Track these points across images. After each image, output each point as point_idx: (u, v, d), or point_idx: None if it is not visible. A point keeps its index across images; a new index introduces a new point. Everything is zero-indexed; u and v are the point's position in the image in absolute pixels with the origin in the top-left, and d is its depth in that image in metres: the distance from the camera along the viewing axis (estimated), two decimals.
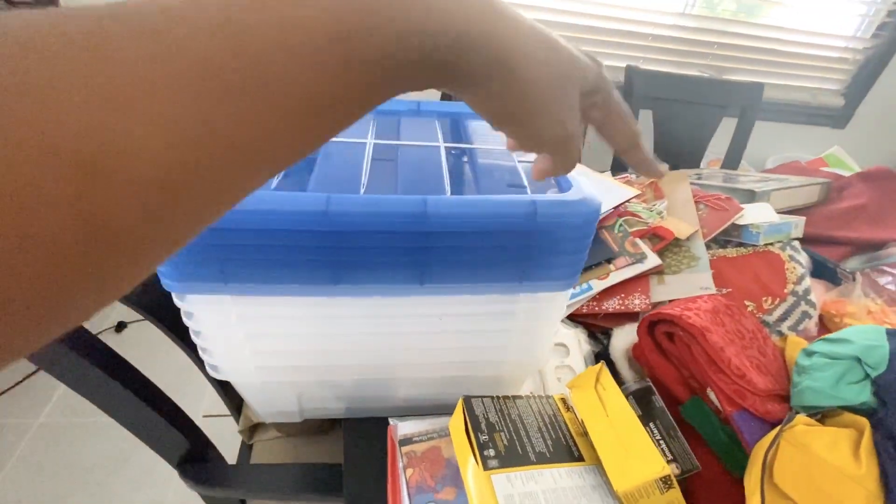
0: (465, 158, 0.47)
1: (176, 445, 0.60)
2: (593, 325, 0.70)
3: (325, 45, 0.14)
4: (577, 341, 0.66)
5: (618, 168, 1.22)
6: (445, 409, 0.54)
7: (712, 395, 0.51)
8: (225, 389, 0.78)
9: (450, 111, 0.56)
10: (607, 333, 0.68)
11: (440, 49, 0.17)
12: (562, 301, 0.47)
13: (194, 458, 0.62)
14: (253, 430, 0.86)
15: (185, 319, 0.42)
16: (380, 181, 0.40)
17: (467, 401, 0.47)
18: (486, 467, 0.41)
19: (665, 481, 0.40)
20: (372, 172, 0.41)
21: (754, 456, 0.43)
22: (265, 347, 0.44)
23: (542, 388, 0.61)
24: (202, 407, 1.27)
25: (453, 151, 0.48)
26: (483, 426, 0.45)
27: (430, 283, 0.39)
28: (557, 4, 1.54)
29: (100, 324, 1.52)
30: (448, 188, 0.40)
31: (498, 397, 0.49)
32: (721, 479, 0.49)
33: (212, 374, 0.46)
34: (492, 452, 0.42)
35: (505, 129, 0.24)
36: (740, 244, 0.76)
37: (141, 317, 0.58)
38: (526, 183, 0.43)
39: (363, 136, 0.48)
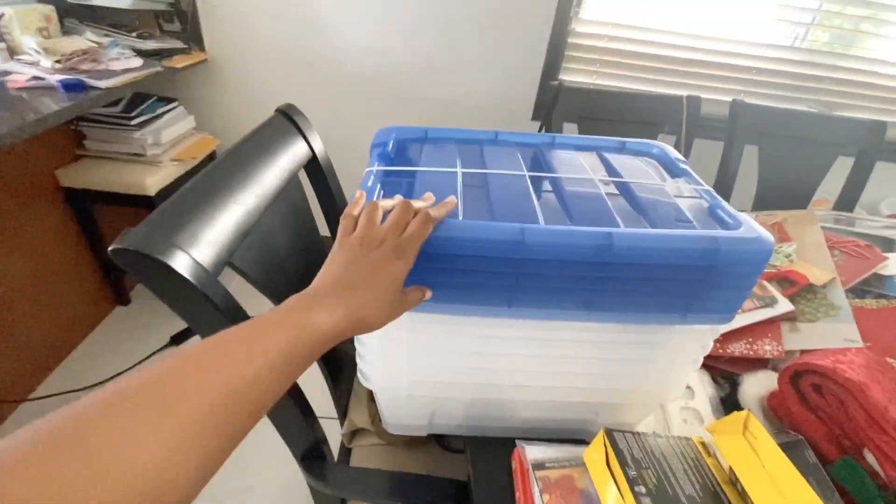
0: (621, 191, 0.48)
1: (306, 440, 0.64)
2: (714, 367, 0.67)
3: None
4: (702, 384, 0.64)
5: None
6: (565, 434, 0.55)
7: (870, 458, 0.48)
8: (336, 393, 0.82)
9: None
10: (730, 378, 0.65)
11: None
12: (711, 336, 0.46)
13: (315, 455, 0.66)
14: (353, 434, 0.90)
15: None
16: (549, 212, 0.42)
17: (609, 434, 0.47)
18: None
19: None
20: (509, 202, 0.44)
21: None
22: (423, 363, 0.47)
23: (665, 427, 0.60)
24: None
25: (607, 183, 0.49)
26: (630, 461, 0.45)
27: (597, 311, 0.40)
28: (663, 38, 1.54)
29: None
30: (620, 222, 0.41)
31: (637, 433, 0.48)
32: None
33: (363, 381, 0.50)
34: (643, 490, 0.42)
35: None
36: (881, 295, 0.71)
37: None
38: (691, 218, 0.43)
39: (514, 169, 0.50)
